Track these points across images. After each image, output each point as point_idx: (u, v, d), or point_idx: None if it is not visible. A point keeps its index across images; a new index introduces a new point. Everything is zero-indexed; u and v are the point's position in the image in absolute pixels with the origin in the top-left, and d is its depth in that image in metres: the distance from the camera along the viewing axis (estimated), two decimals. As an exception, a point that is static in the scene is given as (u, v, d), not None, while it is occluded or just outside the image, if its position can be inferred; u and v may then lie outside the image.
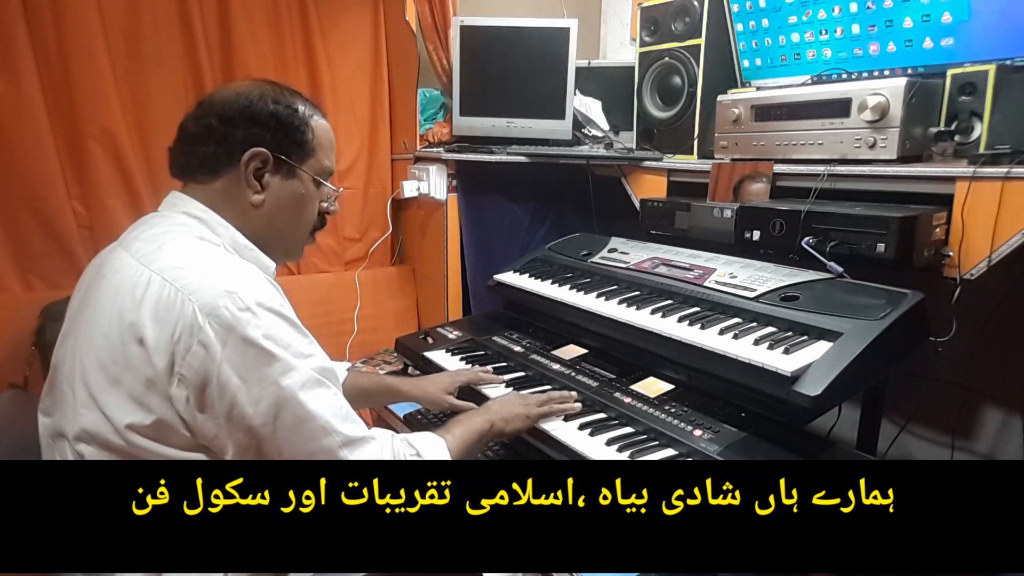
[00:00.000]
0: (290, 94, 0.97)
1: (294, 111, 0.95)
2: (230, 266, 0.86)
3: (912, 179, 1.27)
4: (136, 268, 0.84)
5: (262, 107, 0.92)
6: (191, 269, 0.82)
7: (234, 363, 0.79)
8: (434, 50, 2.23)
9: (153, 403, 0.80)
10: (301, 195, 0.97)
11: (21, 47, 1.79)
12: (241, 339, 0.79)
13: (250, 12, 2.11)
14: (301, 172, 0.96)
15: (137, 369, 0.79)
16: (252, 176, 0.92)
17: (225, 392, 0.79)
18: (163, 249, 0.85)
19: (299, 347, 0.84)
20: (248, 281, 0.83)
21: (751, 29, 1.67)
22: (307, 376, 0.83)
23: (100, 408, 0.81)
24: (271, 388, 0.80)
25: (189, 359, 0.78)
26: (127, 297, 0.81)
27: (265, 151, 0.92)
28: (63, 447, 0.86)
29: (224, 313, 0.78)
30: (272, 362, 0.81)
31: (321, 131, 0.99)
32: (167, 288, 0.80)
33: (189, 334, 0.78)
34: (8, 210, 1.87)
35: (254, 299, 0.81)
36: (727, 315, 1.26)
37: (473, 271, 2.20)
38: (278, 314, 0.83)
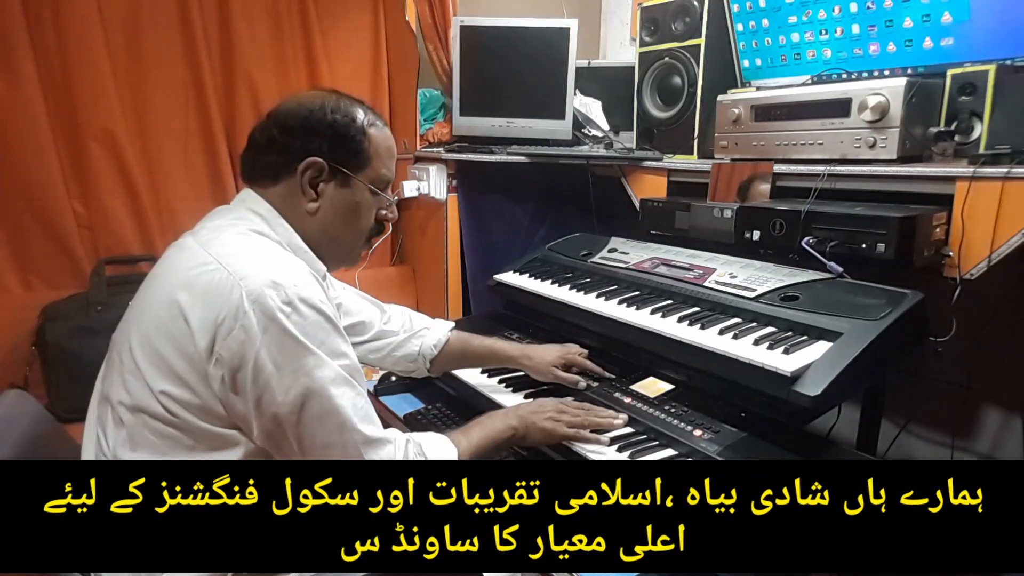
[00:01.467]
0: (350, 103, 0.99)
1: (351, 121, 0.96)
2: (281, 260, 0.90)
3: (912, 179, 1.27)
4: (196, 250, 0.89)
5: (320, 117, 0.95)
6: (244, 257, 0.86)
7: (271, 351, 0.82)
8: (434, 50, 2.23)
9: (191, 379, 0.83)
10: (356, 203, 0.99)
11: (21, 47, 1.79)
12: (281, 330, 0.83)
13: (250, 12, 2.11)
14: (356, 181, 0.98)
15: (179, 344, 0.83)
16: (308, 184, 0.95)
17: (259, 377, 0.83)
18: (222, 236, 0.91)
19: (333, 345, 0.88)
20: (295, 276, 0.87)
21: (751, 29, 1.67)
22: (337, 373, 0.87)
23: (143, 375, 0.85)
24: (302, 379, 0.84)
25: (229, 341, 0.82)
26: (182, 275, 0.86)
27: (321, 161, 0.94)
28: (105, 412, 0.89)
29: (268, 302, 0.82)
30: (306, 355, 0.84)
31: (379, 140, 1.00)
32: (220, 271, 0.84)
33: (233, 318, 0.82)
34: (8, 210, 1.88)
35: (298, 294, 0.84)
36: (727, 315, 1.26)
37: (473, 271, 2.20)
38: (318, 311, 0.87)
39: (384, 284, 2.48)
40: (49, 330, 1.86)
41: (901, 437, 1.58)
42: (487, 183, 2.14)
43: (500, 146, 2.04)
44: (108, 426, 0.88)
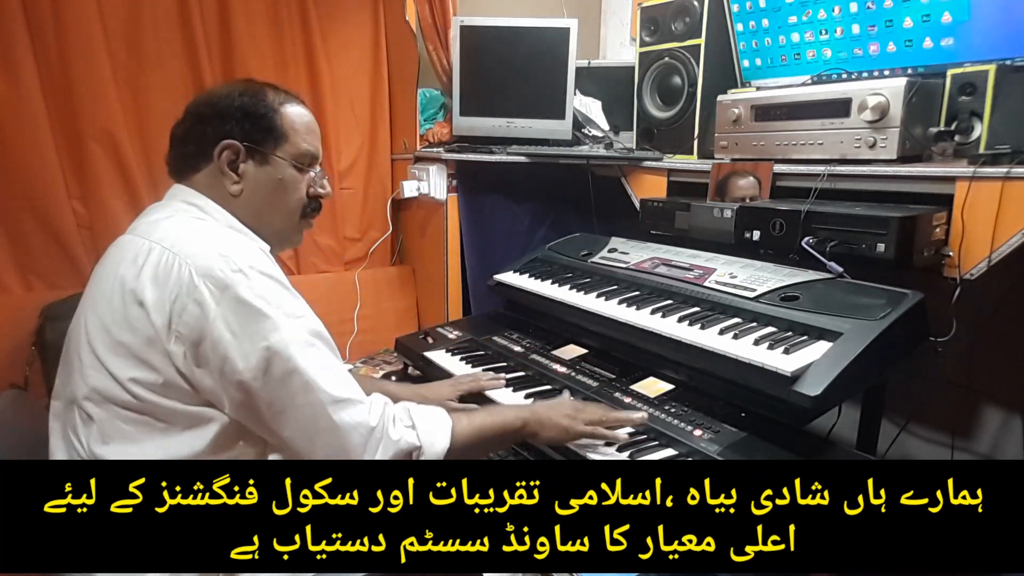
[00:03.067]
0: (260, 86, 1.01)
1: (260, 100, 0.99)
2: (225, 235, 0.92)
3: (912, 179, 1.27)
4: (137, 241, 0.90)
5: (228, 102, 0.97)
6: (188, 239, 0.88)
7: (227, 320, 0.84)
8: (434, 50, 2.23)
9: (155, 360, 0.84)
10: (279, 180, 1.01)
11: (21, 47, 1.79)
12: (234, 298, 0.84)
13: (250, 12, 2.11)
14: (275, 158, 1.00)
15: (138, 329, 0.85)
16: (227, 167, 0.97)
17: (218, 347, 0.84)
18: (161, 224, 0.92)
19: (289, 307, 0.89)
20: (241, 247, 0.89)
21: (751, 29, 1.67)
22: (297, 334, 0.88)
23: (106, 367, 0.86)
24: (260, 343, 0.85)
25: (185, 317, 0.83)
26: (129, 265, 0.87)
27: (235, 142, 0.96)
28: (72, 415, 0.88)
29: (218, 273, 0.84)
30: (262, 319, 0.85)
31: (294, 116, 1.01)
32: (165, 254, 0.86)
33: (186, 294, 0.83)
34: (8, 210, 1.87)
35: (247, 262, 0.87)
36: (727, 315, 1.26)
37: (473, 271, 2.20)
38: (270, 276, 0.89)
39: (384, 284, 2.48)
40: (49, 330, 1.85)
41: (901, 437, 1.58)
42: (487, 183, 2.14)
43: (500, 146, 2.04)
44: (78, 428, 0.88)
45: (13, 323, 1.86)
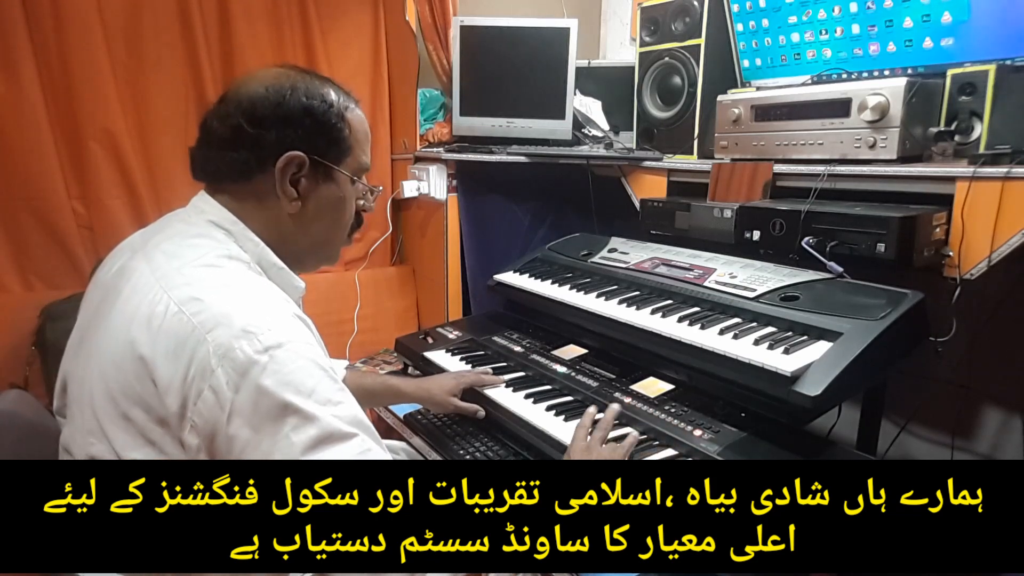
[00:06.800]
0: (321, 83, 0.88)
1: (329, 105, 0.86)
2: (254, 296, 0.78)
3: (912, 179, 1.27)
4: (154, 291, 0.76)
5: (295, 103, 0.83)
6: (211, 301, 0.74)
7: (245, 414, 0.72)
8: (434, 50, 2.23)
9: (167, 446, 0.74)
10: (340, 198, 0.89)
11: (21, 47, 1.80)
12: (255, 387, 0.71)
13: (250, 12, 2.11)
14: (339, 173, 0.88)
15: (149, 407, 0.73)
16: (289, 183, 0.84)
17: (232, 445, 0.72)
18: (184, 271, 0.78)
19: (323, 393, 0.75)
20: (271, 316, 0.76)
21: (751, 29, 1.67)
22: (323, 430, 0.74)
23: (108, 440, 0.76)
24: (282, 443, 0.72)
25: (200, 405, 0.72)
26: (142, 327, 0.74)
27: (301, 155, 0.83)
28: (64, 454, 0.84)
29: (239, 356, 0.71)
30: (288, 414, 0.72)
31: (357, 124, 0.91)
32: (185, 323, 0.73)
33: (201, 377, 0.71)
34: (8, 210, 1.88)
35: (276, 338, 0.73)
36: (727, 315, 1.26)
37: (473, 271, 2.20)
38: (300, 355, 0.75)
39: (384, 284, 2.48)
40: (49, 330, 1.86)
41: (901, 437, 1.58)
42: (487, 183, 2.14)
43: (500, 146, 2.04)
44: None
45: (13, 323, 1.86)
